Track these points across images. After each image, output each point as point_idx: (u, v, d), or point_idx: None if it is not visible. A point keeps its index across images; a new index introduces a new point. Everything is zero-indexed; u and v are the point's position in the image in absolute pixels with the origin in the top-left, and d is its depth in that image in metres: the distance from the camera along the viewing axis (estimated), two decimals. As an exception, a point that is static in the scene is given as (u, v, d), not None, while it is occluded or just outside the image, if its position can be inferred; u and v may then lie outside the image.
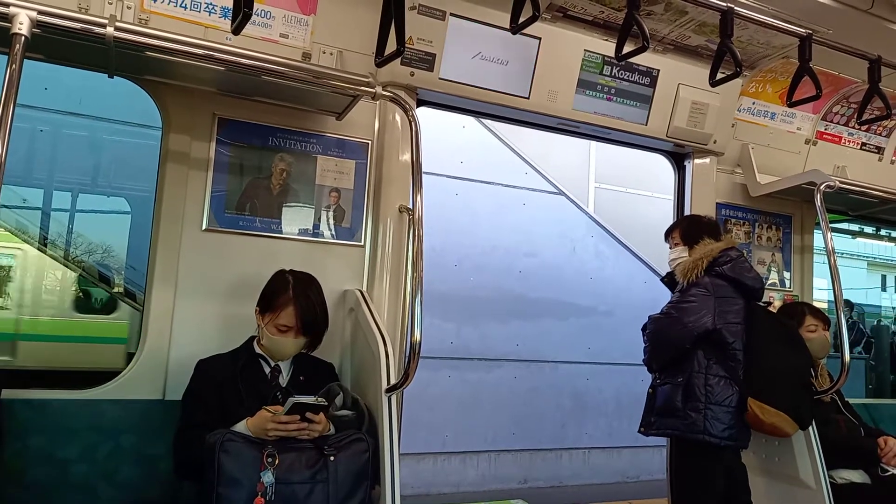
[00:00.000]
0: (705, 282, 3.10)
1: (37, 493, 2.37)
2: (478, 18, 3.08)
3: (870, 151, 4.48)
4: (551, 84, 3.31)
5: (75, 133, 6.51)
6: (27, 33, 1.99)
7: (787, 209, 4.24)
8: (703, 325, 3.01)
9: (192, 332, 2.66)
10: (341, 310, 2.91)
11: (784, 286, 4.23)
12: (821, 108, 4.15)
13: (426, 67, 3.05)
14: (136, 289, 6.55)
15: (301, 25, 2.89)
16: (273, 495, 2.06)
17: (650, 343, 3.20)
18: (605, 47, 3.33)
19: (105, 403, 2.52)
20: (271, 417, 2.17)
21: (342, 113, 2.87)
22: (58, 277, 6.90)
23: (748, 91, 3.91)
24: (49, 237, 6.64)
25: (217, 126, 2.80)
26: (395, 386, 2.37)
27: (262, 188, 2.87)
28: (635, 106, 3.53)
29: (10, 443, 2.34)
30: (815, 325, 3.47)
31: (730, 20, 2.83)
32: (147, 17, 2.61)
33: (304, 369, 2.53)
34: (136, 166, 6.41)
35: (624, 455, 6.90)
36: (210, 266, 2.74)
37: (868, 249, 20.17)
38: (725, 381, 3.00)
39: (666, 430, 3.10)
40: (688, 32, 3.37)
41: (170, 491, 2.48)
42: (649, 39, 2.62)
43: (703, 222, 3.38)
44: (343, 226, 3.01)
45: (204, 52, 2.29)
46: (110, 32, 2.14)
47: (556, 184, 7.13)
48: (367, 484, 2.24)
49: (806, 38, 3.05)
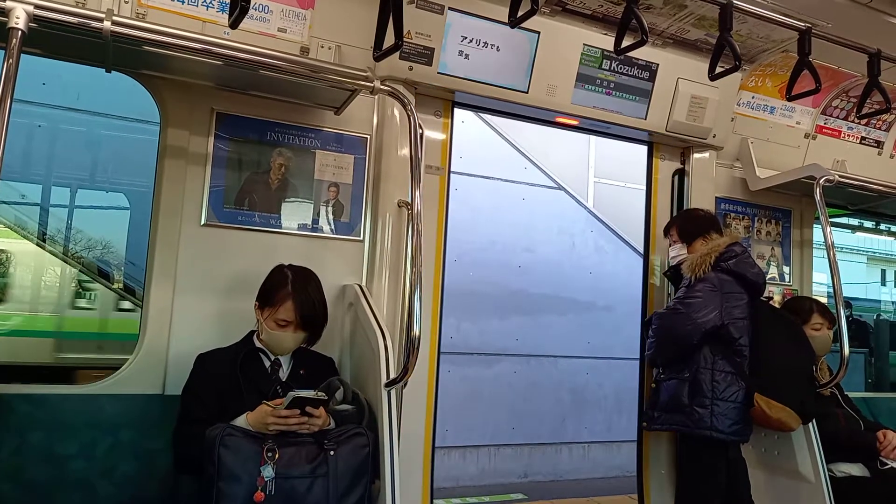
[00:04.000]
0: (712, 277, 3.09)
1: (36, 488, 2.37)
2: (476, 12, 3.08)
3: (869, 146, 4.48)
4: (550, 78, 3.30)
5: (73, 128, 6.50)
6: (24, 28, 1.98)
7: (787, 203, 4.24)
8: (710, 320, 3.01)
9: (192, 326, 2.66)
10: (341, 304, 2.91)
11: (783, 280, 4.23)
12: (820, 103, 4.14)
13: (424, 62, 3.04)
14: (136, 284, 6.55)
15: (299, 20, 2.88)
16: (273, 489, 2.06)
17: (656, 338, 3.20)
18: (604, 41, 3.33)
19: (104, 398, 2.52)
20: (271, 412, 2.17)
21: (341, 107, 2.86)
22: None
23: (747, 85, 3.91)
24: (48, 233, 6.63)
25: (215, 121, 2.79)
26: (394, 380, 2.38)
27: (260, 183, 2.86)
28: (634, 100, 3.52)
29: (8, 438, 2.34)
30: (820, 324, 3.48)
31: (729, 14, 2.82)
32: (144, 11, 2.60)
33: (304, 364, 2.54)
34: (134, 162, 6.40)
35: (623, 449, 6.90)
36: (209, 261, 2.74)
37: (868, 244, 20.18)
38: (732, 377, 3.00)
39: (671, 425, 3.11)
40: (687, 26, 3.36)
41: (169, 486, 2.48)
42: (648, 33, 2.62)
43: (700, 217, 3.38)
44: (342, 220, 3.00)
45: (201, 47, 2.29)
46: (107, 27, 2.13)
47: (555, 179, 7.12)
48: (366, 478, 2.25)
49: (805, 32, 3.04)
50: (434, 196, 3.27)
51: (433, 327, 3.24)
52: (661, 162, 3.85)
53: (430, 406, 3.22)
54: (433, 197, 3.26)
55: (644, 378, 3.63)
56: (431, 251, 3.22)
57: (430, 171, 3.25)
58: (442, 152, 3.34)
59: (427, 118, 3.24)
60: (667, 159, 3.86)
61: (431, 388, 3.24)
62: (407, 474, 2.81)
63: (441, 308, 3.25)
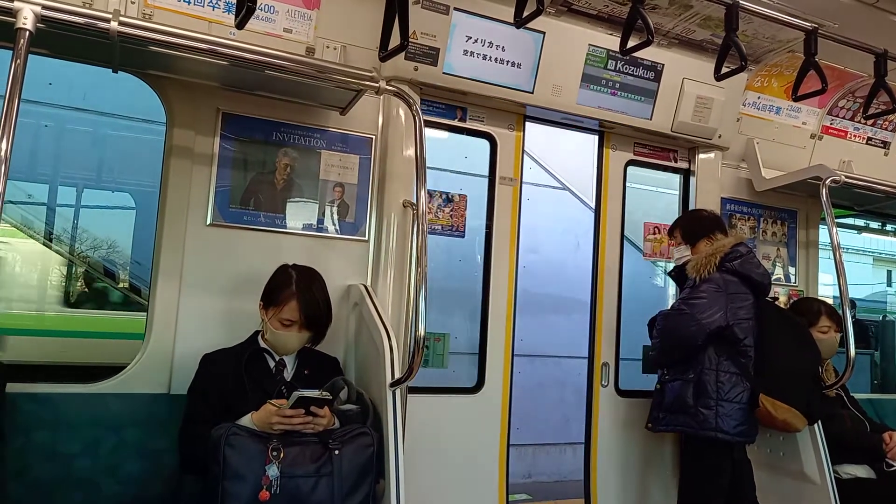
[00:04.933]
0: (716, 278, 3.08)
1: (41, 486, 2.38)
2: (482, 13, 3.08)
3: (876, 146, 4.46)
4: (556, 79, 3.30)
5: (80, 128, 6.52)
6: (31, 28, 1.99)
7: (793, 204, 4.22)
8: (715, 321, 3.00)
9: (197, 326, 2.67)
10: (345, 304, 2.91)
11: (789, 281, 4.22)
12: (826, 103, 4.13)
13: (430, 62, 3.04)
14: (142, 284, 6.56)
15: (305, 20, 2.88)
16: (278, 489, 2.07)
17: (661, 339, 3.18)
18: (609, 41, 3.32)
19: (110, 397, 2.53)
20: (276, 411, 2.17)
21: (346, 108, 2.86)
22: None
23: (753, 85, 3.90)
24: (55, 232, 6.65)
25: (221, 121, 2.80)
26: (399, 380, 2.38)
27: (266, 183, 2.87)
28: (640, 100, 3.51)
29: (15, 437, 2.35)
30: (827, 327, 3.46)
31: (735, 14, 2.82)
32: (151, 11, 2.61)
33: (309, 363, 2.54)
34: (140, 162, 6.41)
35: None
36: (214, 261, 2.74)
37: (874, 245, 20.08)
38: (737, 378, 2.99)
39: (676, 426, 3.10)
40: (693, 26, 3.35)
41: (174, 485, 2.49)
42: (654, 33, 2.62)
43: (704, 218, 3.37)
44: (347, 221, 3.01)
45: (208, 47, 2.30)
46: (114, 27, 2.14)
47: (560, 179, 7.10)
48: (371, 478, 2.25)
49: (812, 32, 3.03)
50: (507, 205, 3.45)
51: (507, 331, 3.37)
52: (611, 152, 3.78)
53: (504, 407, 3.35)
54: (506, 206, 3.46)
55: (592, 379, 3.63)
56: (505, 257, 3.40)
57: (504, 181, 3.46)
58: (514, 164, 3.50)
59: (501, 132, 3.47)
60: (618, 149, 3.79)
61: (506, 390, 3.36)
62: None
63: (514, 313, 3.39)
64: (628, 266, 3.90)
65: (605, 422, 3.63)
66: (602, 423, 3.62)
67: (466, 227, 3.41)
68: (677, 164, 3.91)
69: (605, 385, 3.61)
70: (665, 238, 3.84)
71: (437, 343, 3.41)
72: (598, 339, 3.68)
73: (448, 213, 3.38)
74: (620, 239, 3.78)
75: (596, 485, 3.60)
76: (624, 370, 3.76)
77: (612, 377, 3.66)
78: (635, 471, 3.65)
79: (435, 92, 3.19)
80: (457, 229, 3.41)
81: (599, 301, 3.75)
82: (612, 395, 3.65)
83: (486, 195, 3.44)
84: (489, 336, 3.35)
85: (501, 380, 3.36)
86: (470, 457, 3.28)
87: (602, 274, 3.75)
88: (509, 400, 3.38)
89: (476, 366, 3.36)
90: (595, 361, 3.64)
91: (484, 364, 3.34)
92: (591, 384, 3.66)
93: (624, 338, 3.76)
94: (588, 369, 3.68)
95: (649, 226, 3.98)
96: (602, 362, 3.64)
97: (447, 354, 3.45)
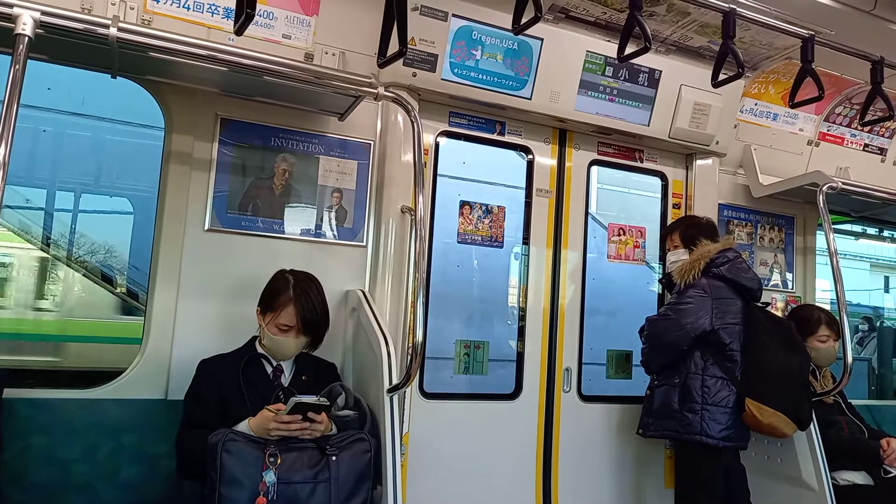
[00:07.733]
0: (702, 283, 3.10)
1: (39, 492, 2.37)
2: (480, 19, 3.09)
3: (872, 153, 4.47)
4: (553, 85, 3.31)
5: (78, 133, 6.52)
6: (30, 34, 1.99)
7: (790, 210, 4.23)
8: (700, 326, 3.02)
9: (195, 331, 2.67)
10: (343, 310, 2.91)
11: (787, 287, 4.22)
12: (823, 110, 4.15)
13: (428, 68, 3.05)
14: (139, 289, 6.55)
15: (303, 26, 2.89)
16: (275, 495, 2.06)
17: (648, 345, 3.22)
18: (607, 48, 3.33)
19: (107, 403, 2.53)
20: (273, 417, 2.17)
21: (344, 113, 2.87)
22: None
23: (750, 92, 3.91)
24: (52, 237, 6.65)
25: (220, 126, 2.80)
26: (396, 386, 2.38)
27: (264, 188, 2.87)
28: (637, 107, 3.52)
29: (12, 442, 2.35)
30: (826, 336, 3.45)
31: (732, 21, 2.83)
32: (150, 17, 2.62)
33: (307, 369, 2.54)
34: (138, 167, 6.42)
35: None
36: (212, 266, 2.74)
37: (871, 251, 20.10)
38: (722, 382, 3.00)
39: (664, 431, 3.10)
40: (690, 33, 3.37)
41: (171, 490, 2.49)
42: (651, 40, 2.63)
43: (702, 224, 3.37)
44: (345, 226, 3.01)
45: (207, 53, 2.30)
46: (113, 33, 2.14)
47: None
48: (368, 483, 2.25)
49: (808, 39, 3.04)
50: (543, 217, 3.60)
51: (543, 344, 3.49)
52: (574, 152, 3.69)
53: (541, 419, 3.44)
54: (542, 218, 3.61)
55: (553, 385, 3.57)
56: (542, 270, 3.55)
57: (541, 193, 3.61)
58: (551, 177, 3.60)
59: (538, 145, 3.58)
60: (581, 149, 3.69)
61: (542, 403, 3.45)
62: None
63: (552, 326, 3.53)
64: (625, 271, 3.91)
65: (567, 427, 3.54)
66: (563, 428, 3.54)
67: (505, 238, 3.56)
68: (643, 163, 3.87)
69: (567, 391, 3.58)
70: (631, 240, 3.86)
71: (478, 350, 3.54)
72: (559, 343, 3.62)
73: (487, 224, 3.50)
74: (584, 240, 3.75)
75: (557, 490, 3.53)
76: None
77: (575, 382, 3.61)
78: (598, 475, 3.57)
79: (437, 98, 3.20)
80: (495, 240, 3.53)
81: (561, 311, 3.73)
82: (574, 401, 3.59)
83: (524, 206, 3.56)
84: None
85: (538, 395, 3.50)
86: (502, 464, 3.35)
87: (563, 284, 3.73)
88: (548, 414, 3.51)
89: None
90: (557, 367, 3.57)
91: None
92: (551, 390, 3.57)
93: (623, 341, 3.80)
94: (548, 375, 3.59)
95: (614, 227, 3.95)
96: (564, 367, 3.60)
97: (486, 361, 3.60)
